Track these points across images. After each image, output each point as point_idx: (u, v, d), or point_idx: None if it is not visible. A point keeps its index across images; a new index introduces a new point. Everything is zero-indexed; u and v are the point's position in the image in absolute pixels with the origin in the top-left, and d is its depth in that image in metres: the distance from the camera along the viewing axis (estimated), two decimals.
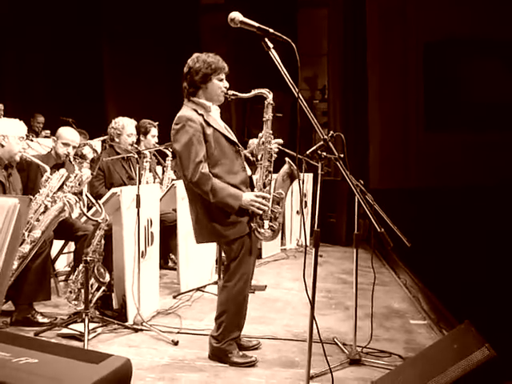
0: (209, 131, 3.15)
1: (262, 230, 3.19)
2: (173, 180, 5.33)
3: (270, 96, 3.20)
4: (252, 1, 8.31)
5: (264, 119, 3.23)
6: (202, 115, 3.16)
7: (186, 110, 3.18)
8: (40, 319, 3.93)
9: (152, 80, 9.09)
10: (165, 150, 5.34)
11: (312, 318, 2.63)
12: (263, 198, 3.16)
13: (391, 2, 8.76)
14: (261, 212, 3.15)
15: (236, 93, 3.23)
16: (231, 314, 3.29)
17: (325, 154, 2.53)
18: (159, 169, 5.82)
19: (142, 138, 5.38)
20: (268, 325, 4.16)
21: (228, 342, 3.33)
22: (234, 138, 3.29)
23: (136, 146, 4.77)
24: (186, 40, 9.17)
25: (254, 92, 3.21)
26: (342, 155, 2.42)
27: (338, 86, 7.92)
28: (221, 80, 3.22)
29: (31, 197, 3.73)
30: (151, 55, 8.95)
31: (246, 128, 8.24)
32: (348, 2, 7.62)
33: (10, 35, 8.98)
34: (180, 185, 4.78)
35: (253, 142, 6.30)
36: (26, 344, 1.50)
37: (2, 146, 4.02)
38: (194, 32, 9.54)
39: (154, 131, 5.45)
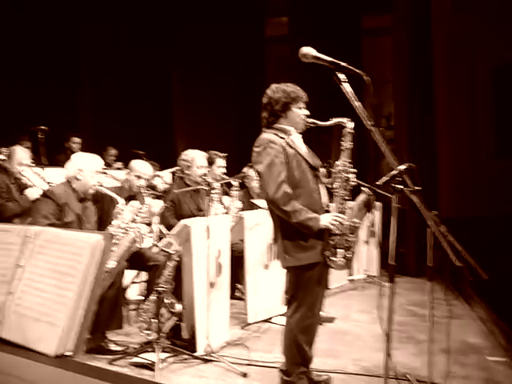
0: (291, 153, 3.16)
1: (335, 259, 3.14)
2: (240, 210, 5.37)
3: (350, 125, 3.19)
4: (315, 31, 8.40)
5: (342, 148, 3.21)
6: (283, 138, 3.18)
7: (267, 135, 3.21)
8: (113, 348, 4.02)
9: (220, 112, 9.26)
10: (232, 181, 5.40)
11: (387, 353, 2.56)
12: (340, 218, 3.12)
13: (457, 26, 8.63)
14: (338, 231, 3.09)
15: (315, 121, 3.24)
16: (298, 346, 3.23)
17: (400, 186, 2.48)
18: (226, 199, 5.89)
19: (208, 168, 5.47)
20: (337, 358, 4.08)
21: (298, 375, 3.27)
22: (315, 162, 3.29)
23: (204, 177, 4.86)
24: (251, 71, 9.33)
25: (333, 121, 3.20)
26: (418, 188, 2.38)
27: (404, 113, 7.82)
28: (300, 108, 3.24)
29: (119, 234, 3.86)
30: (218, 87, 9.13)
31: None
32: (412, 29, 7.55)
33: (86, 72, 9.42)
34: (248, 216, 4.82)
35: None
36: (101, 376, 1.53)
37: (78, 179, 4.19)
38: (259, 63, 9.68)
39: (220, 162, 5.53)
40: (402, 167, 2.47)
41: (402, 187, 2.49)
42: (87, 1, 9.22)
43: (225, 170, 5.56)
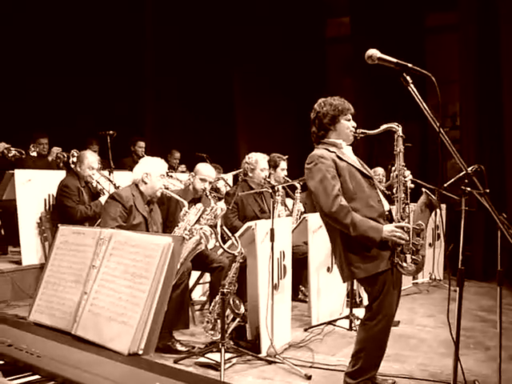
0: (342, 165, 3.15)
1: (405, 264, 3.09)
2: (302, 212, 5.38)
3: (400, 129, 3.16)
4: (377, 30, 8.30)
5: (395, 152, 3.18)
6: (334, 152, 3.19)
7: (318, 150, 3.24)
8: (179, 347, 4.11)
9: (281, 113, 9.28)
10: (295, 184, 5.41)
11: (456, 359, 2.50)
12: (403, 228, 3.07)
13: None
14: (403, 242, 3.05)
15: (364, 131, 3.24)
16: (370, 352, 3.20)
17: (468, 188, 2.42)
18: (289, 201, 5.91)
19: (271, 171, 5.51)
20: (402, 363, 4.02)
21: (363, 380, 3.24)
22: (368, 171, 3.28)
23: (268, 179, 4.90)
24: (312, 72, 9.31)
25: (382, 128, 3.19)
26: (487, 190, 2.31)
27: (471, 113, 7.59)
28: (348, 120, 3.26)
29: (184, 236, 3.96)
30: (279, 88, 9.15)
31: (374, 159, 8.13)
32: (480, 25, 7.33)
33: (150, 78, 9.67)
34: (311, 218, 4.82)
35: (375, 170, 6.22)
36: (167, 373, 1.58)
37: (145, 183, 4.31)
38: (320, 64, 9.65)
39: (283, 164, 5.56)
40: (471, 169, 2.41)
41: (470, 189, 2.43)
42: (155, 7, 9.47)
43: (286, 173, 5.58)
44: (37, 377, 1.54)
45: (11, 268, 5.65)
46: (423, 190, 3.26)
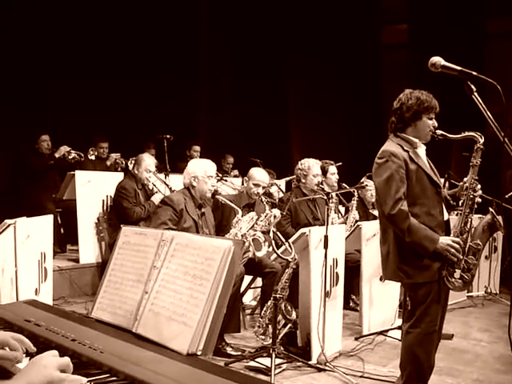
0: (412, 168, 3.06)
1: (453, 280, 3.03)
2: (357, 220, 5.34)
3: (481, 140, 3.05)
4: (435, 36, 8.16)
5: (471, 164, 3.08)
6: (407, 151, 3.09)
7: (391, 145, 3.13)
8: (229, 350, 4.14)
9: (335, 120, 9.25)
10: (352, 191, 5.38)
11: None
12: (459, 244, 3.01)
13: None
14: (455, 259, 3.00)
15: (445, 133, 3.11)
16: (416, 362, 3.13)
17: None
18: (341, 208, 5.87)
19: (323, 177, 5.50)
20: (456, 378, 3.94)
21: None
22: (437, 178, 3.18)
23: (321, 185, 4.89)
24: (366, 79, 9.24)
25: (464, 134, 3.08)
26: None
27: None
28: (430, 119, 3.13)
29: (244, 240, 4.00)
30: (333, 95, 9.13)
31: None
32: None
33: (205, 83, 9.82)
34: (365, 226, 4.78)
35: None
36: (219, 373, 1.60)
37: (194, 186, 4.36)
38: (375, 71, 9.57)
39: (332, 169, 5.54)
40: None
41: None
42: (211, 13, 9.61)
43: (338, 177, 5.55)
44: (106, 375, 1.59)
45: (69, 266, 5.83)
46: (490, 209, 3.16)
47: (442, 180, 6.36)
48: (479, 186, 3.09)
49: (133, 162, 6.06)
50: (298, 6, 9.38)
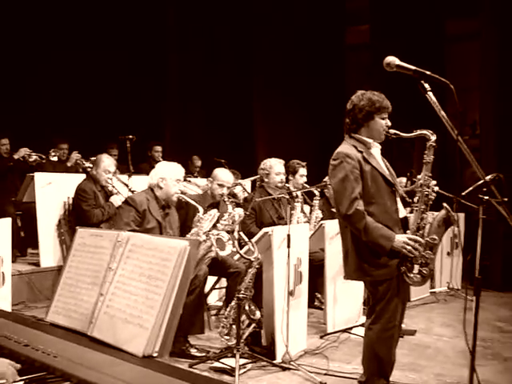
0: (367, 168, 3.10)
1: (411, 275, 3.08)
2: (320, 219, 5.37)
3: (433, 138, 3.10)
4: (397, 37, 8.27)
5: (424, 161, 3.12)
6: (361, 152, 3.13)
7: (346, 146, 3.17)
8: (194, 352, 4.11)
9: (300, 120, 9.29)
10: (313, 190, 5.41)
11: (472, 370, 2.47)
12: (416, 241, 3.05)
13: None
14: (412, 256, 3.04)
15: (398, 132, 3.16)
16: (377, 358, 3.16)
17: (486, 197, 2.40)
18: (306, 208, 5.90)
19: (290, 177, 5.52)
20: (418, 372, 3.99)
21: None
22: (392, 177, 3.23)
23: (287, 185, 4.90)
24: (331, 79, 9.31)
25: (416, 132, 3.13)
26: (505, 199, 2.29)
27: (491, 121, 7.53)
28: (383, 119, 3.17)
29: (200, 239, 3.98)
30: (298, 95, 9.17)
31: (393, 162, 8.05)
32: (502, 33, 7.29)
33: (171, 83, 9.76)
34: (328, 225, 4.81)
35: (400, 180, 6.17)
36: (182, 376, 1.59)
37: (160, 187, 4.32)
38: (339, 71, 9.65)
39: (303, 171, 5.56)
40: (489, 177, 2.39)
41: (488, 198, 2.40)
42: (179, 11, 9.56)
43: (306, 180, 5.58)
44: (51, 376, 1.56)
45: (30, 270, 5.71)
46: (444, 204, 3.21)
47: (405, 179, 6.47)
48: (434, 182, 3.15)
49: (90, 160, 5.98)
50: (263, 8, 9.40)
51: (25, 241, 6.58)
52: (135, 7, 8.90)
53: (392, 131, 3.17)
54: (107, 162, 5.53)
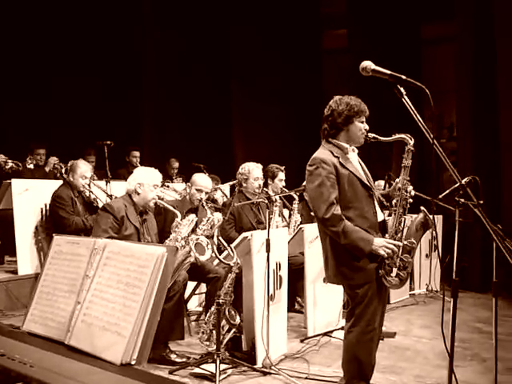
0: (343, 173, 3.13)
1: (390, 278, 3.10)
2: (300, 223, 5.38)
3: (411, 142, 3.14)
4: (374, 41, 8.35)
5: (403, 165, 3.16)
6: (337, 157, 3.15)
7: (322, 152, 3.20)
8: (174, 358, 4.08)
9: (279, 124, 9.31)
10: (292, 194, 5.43)
11: (451, 371, 2.49)
12: (394, 245, 3.07)
13: None
14: (389, 258, 3.07)
15: (376, 136, 3.19)
16: (357, 361, 3.18)
17: (462, 200, 2.43)
18: (286, 212, 5.91)
19: (269, 181, 5.53)
20: (399, 374, 4.01)
21: None
22: (368, 181, 3.25)
23: (265, 189, 4.91)
24: (309, 83, 9.35)
25: (394, 136, 3.16)
26: (481, 201, 2.32)
27: (467, 124, 7.62)
28: (362, 122, 3.20)
29: (178, 246, 3.96)
30: (277, 99, 9.18)
31: (371, 165, 8.09)
32: (477, 36, 7.40)
33: (148, 87, 9.71)
34: (308, 228, 4.82)
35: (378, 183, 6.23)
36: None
37: (138, 193, 4.30)
38: (317, 76, 9.69)
39: (282, 175, 5.58)
40: (465, 180, 2.42)
41: (464, 201, 2.43)
42: (154, 15, 9.53)
43: (284, 184, 5.59)
44: None
45: (7, 277, 5.63)
46: (422, 208, 3.25)
47: (383, 182, 6.52)
48: (411, 187, 3.18)
49: (66, 166, 5.93)
50: (241, 12, 9.41)
51: (2, 248, 6.49)
52: (110, 9, 8.83)
53: (371, 135, 3.20)
54: (83, 167, 5.49)
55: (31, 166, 6.67)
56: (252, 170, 5.15)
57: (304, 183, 5.64)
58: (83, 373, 1.60)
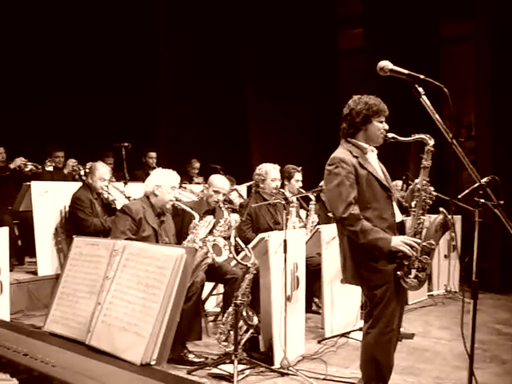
0: (362, 173, 3.11)
1: (408, 279, 3.08)
2: (317, 224, 5.38)
3: (431, 142, 3.11)
4: (390, 40, 8.30)
5: (422, 165, 3.12)
6: (356, 157, 3.13)
7: (341, 151, 3.18)
8: (192, 358, 4.11)
9: (295, 125, 9.30)
10: (309, 195, 5.42)
11: (471, 373, 2.47)
12: (413, 241, 3.05)
13: None
14: (412, 253, 3.04)
15: (396, 136, 3.16)
16: (375, 362, 3.16)
17: (482, 200, 2.40)
18: (302, 212, 5.90)
19: (286, 182, 5.53)
20: (417, 376, 3.99)
21: None
22: (387, 182, 3.23)
23: (282, 190, 4.91)
24: (325, 84, 9.33)
25: (414, 137, 3.13)
26: (501, 201, 2.30)
27: (486, 123, 7.55)
28: (381, 122, 3.17)
29: (196, 246, 3.98)
30: (293, 100, 9.17)
31: (389, 166, 8.03)
32: (496, 35, 7.32)
33: (164, 88, 9.75)
34: (325, 229, 4.81)
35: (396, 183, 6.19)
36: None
37: (156, 195, 4.32)
38: (333, 76, 9.67)
39: (298, 176, 5.57)
40: (484, 180, 2.40)
41: (484, 201, 2.41)
42: (168, 16, 9.57)
43: (301, 185, 5.59)
44: None
45: (27, 278, 5.70)
46: (441, 209, 3.22)
47: (400, 182, 6.47)
48: (432, 188, 3.15)
49: (86, 167, 5.98)
50: (257, 13, 9.42)
51: (22, 250, 6.57)
52: (125, 12, 8.89)
53: (390, 135, 3.17)
54: (102, 170, 5.54)
55: (50, 169, 6.74)
56: (269, 171, 5.16)
57: (321, 184, 5.68)
58: (104, 373, 1.62)
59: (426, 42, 8.69)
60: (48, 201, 5.81)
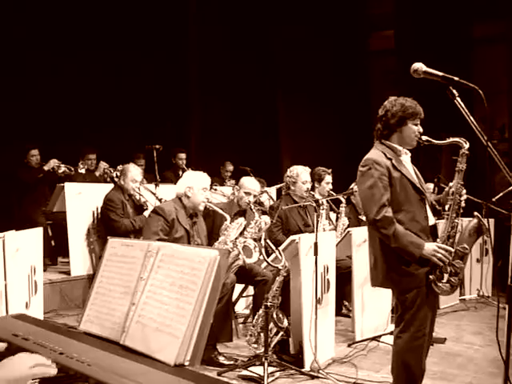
0: (396, 175, 3.08)
1: (440, 284, 3.03)
2: (347, 226, 5.35)
3: (466, 145, 3.05)
4: (423, 42, 8.22)
5: (457, 169, 3.07)
6: (390, 159, 3.11)
7: (375, 153, 3.15)
8: (222, 360, 4.12)
9: (325, 127, 9.28)
10: (340, 198, 5.40)
11: (506, 379, 2.43)
12: (446, 250, 3.02)
13: None
14: (441, 264, 3.00)
15: (430, 139, 3.12)
16: (407, 367, 3.12)
17: None
18: (332, 215, 5.88)
19: (316, 185, 5.51)
20: (450, 381, 3.94)
21: None
22: (421, 185, 3.19)
23: (312, 192, 4.90)
24: (355, 85, 9.29)
25: (449, 140, 3.08)
26: None
27: None
28: (416, 125, 3.14)
29: (230, 249, 4.00)
30: (323, 103, 9.16)
31: (420, 169, 7.97)
32: None
33: (196, 92, 9.82)
34: (356, 232, 4.79)
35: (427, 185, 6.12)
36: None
37: (188, 196, 4.36)
38: (363, 77, 9.62)
39: (328, 178, 5.55)
40: None
41: None
42: (200, 20, 9.63)
43: (331, 187, 5.57)
44: None
45: (60, 278, 5.81)
46: (476, 213, 3.17)
47: (432, 185, 6.40)
48: (464, 191, 3.11)
49: (118, 170, 6.06)
50: (287, 17, 9.43)
51: (55, 250, 6.70)
52: (156, 17, 8.97)
53: (424, 138, 3.12)
54: (134, 171, 5.61)
55: (83, 171, 6.85)
56: (300, 174, 5.15)
57: (351, 186, 5.65)
58: (138, 372, 1.64)
59: (458, 43, 8.59)
60: (81, 202, 5.92)
